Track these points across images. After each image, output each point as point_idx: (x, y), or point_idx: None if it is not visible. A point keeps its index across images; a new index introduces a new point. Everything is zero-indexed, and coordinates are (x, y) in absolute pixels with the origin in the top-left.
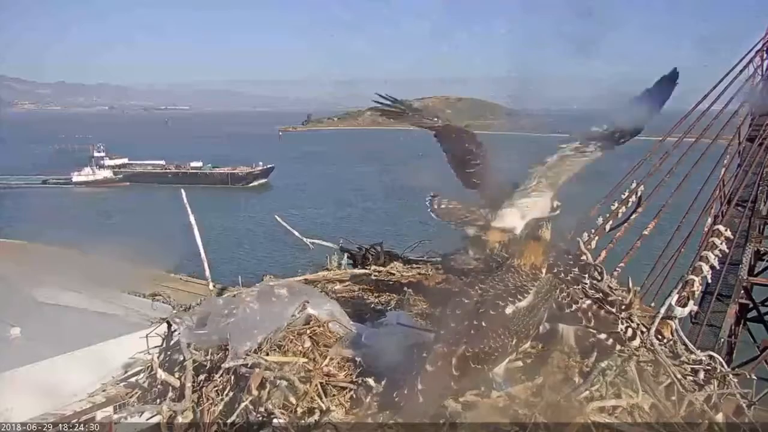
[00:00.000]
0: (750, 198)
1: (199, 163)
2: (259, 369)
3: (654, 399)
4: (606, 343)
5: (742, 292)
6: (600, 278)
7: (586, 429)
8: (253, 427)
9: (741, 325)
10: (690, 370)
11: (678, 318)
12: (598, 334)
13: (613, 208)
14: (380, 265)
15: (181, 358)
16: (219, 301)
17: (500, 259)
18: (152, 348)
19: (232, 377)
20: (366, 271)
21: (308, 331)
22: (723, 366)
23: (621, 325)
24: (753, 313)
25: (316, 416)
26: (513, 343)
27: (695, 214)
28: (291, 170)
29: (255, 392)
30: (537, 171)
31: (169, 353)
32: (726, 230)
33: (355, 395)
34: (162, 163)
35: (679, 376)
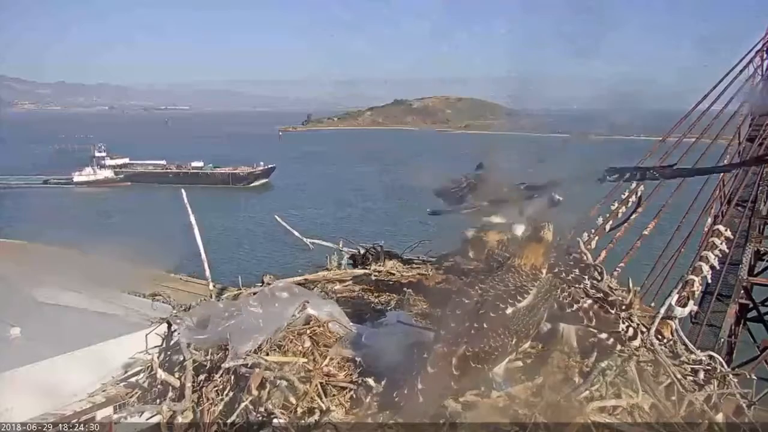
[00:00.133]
0: (750, 198)
1: (200, 163)
2: (259, 369)
3: (654, 399)
4: (606, 343)
5: (742, 292)
6: (600, 278)
7: (586, 429)
8: (253, 427)
9: (741, 325)
10: (690, 370)
11: (678, 318)
12: (599, 333)
13: (613, 208)
14: (380, 265)
15: (181, 358)
16: (219, 303)
17: (500, 259)
18: (152, 348)
19: (232, 377)
20: (366, 271)
21: (308, 331)
22: (723, 366)
23: (622, 324)
24: (753, 313)
25: (316, 416)
26: (513, 342)
27: (695, 214)
28: (291, 170)
29: (255, 392)
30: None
31: (169, 353)
32: (726, 230)
33: (355, 395)
34: (163, 163)
35: (679, 376)
